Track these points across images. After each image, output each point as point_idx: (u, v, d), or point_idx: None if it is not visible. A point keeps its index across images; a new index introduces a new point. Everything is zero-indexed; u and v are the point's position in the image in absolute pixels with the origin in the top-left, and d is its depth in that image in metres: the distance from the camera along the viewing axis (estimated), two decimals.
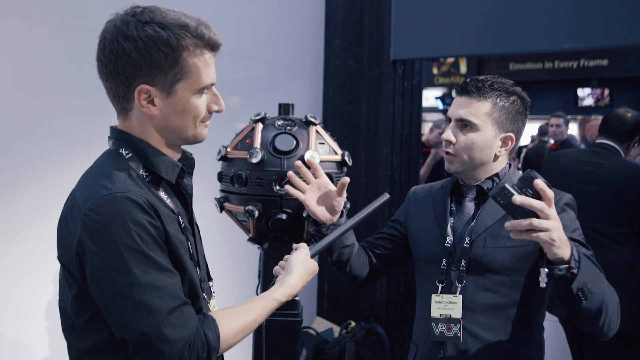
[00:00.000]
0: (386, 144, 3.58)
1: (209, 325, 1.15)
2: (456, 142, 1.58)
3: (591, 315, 1.36)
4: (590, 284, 1.32)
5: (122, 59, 1.12)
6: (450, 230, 1.60)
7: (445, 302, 1.56)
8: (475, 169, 1.60)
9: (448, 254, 1.58)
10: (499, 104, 1.57)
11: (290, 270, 1.36)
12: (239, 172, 1.96)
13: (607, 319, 1.38)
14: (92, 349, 1.16)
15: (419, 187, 1.83)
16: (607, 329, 1.41)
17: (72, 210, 1.12)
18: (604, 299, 1.36)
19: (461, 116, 1.57)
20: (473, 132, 1.56)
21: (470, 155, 1.57)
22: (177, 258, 1.15)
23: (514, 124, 1.59)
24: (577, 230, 1.54)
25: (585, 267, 1.32)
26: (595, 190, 2.65)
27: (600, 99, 9.97)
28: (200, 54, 1.16)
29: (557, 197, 1.57)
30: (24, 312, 2.16)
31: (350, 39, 3.72)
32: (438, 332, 1.56)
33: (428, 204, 1.72)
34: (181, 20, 1.14)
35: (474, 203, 1.62)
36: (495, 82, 1.58)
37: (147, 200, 1.10)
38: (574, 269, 1.29)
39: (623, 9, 2.80)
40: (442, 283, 1.58)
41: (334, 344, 3.22)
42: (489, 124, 1.56)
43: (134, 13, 1.14)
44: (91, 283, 1.09)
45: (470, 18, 3.23)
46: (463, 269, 1.55)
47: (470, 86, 1.58)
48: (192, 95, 1.17)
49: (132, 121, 1.20)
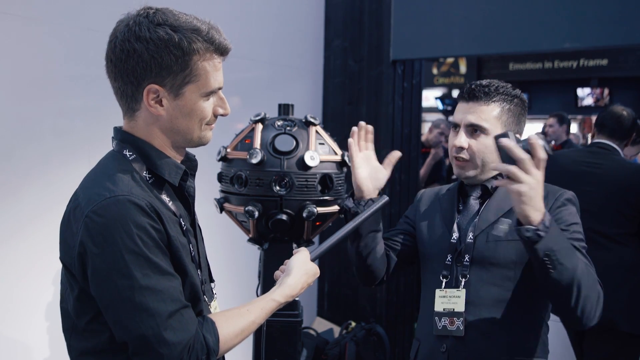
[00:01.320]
0: (386, 144, 3.58)
1: (208, 328, 1.15)
2: (468, 148, 1.59)
3: (561, 290, 1.35)
4: (561, 254, 1.32)
5: (133, 59, 1.12)
6: (456, 227, 1.63)
7: (448, 297, 1.57)
8: (485, 173, 1.62)
9: (453, 250, 1.61)
10: (506, 107, 1.60)
11: (289, 272, 1.35)
12: (239, 173, 1.96)
13: (581, 300, 1.36)
14: (92, 350, 1.16)
15: (429, 190, 1.86)
16: (582, 314, 1.38)
17: (75, 212, 1.12)
18: (576, 276, 1.34)
19: (472, 121, 1.59)
20: (484, 137, 1.58)
21: (484, 159, 1.59)
22: (179, 261, 1.15)
23: (519, 125, 1.64)
24: (576, 224, 1.54)
25: (555, 236, 1.32)
26: (594, 190, 2.65)
27: (600, 99, 9.95)
28: (210, 58, 1.17)
29: (558, 193, 1.59)
30: (24, 313, 2.17)
31: (350, 39, 3.72)
32: (441, 326, 1.57)
33: (436, 204, 1.75)
34: (193, 23, 1.15)
35: (478, 201, 1.65)
36: (500, 85, 1.61)
37: (149, 203, 1.10)
38: (540, 232, 1.29)
39: (622, 8, 2.81)
40: (446, 278, 1.60)
41: (334, 345, 3.22)
42: (499, 127, 1.58)
43: (146, 14, 1.14)
44: (92, 285, 1.10)
45: (470, 18, 3.23)
46: (467, 264, 1.57)
47: (478, 91, 1.60)
48: (199, 98, 1.18)
49: (138, 122, 1.20)
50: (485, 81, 1.63)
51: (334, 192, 2.01)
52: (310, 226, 2.01)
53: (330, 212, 2.03)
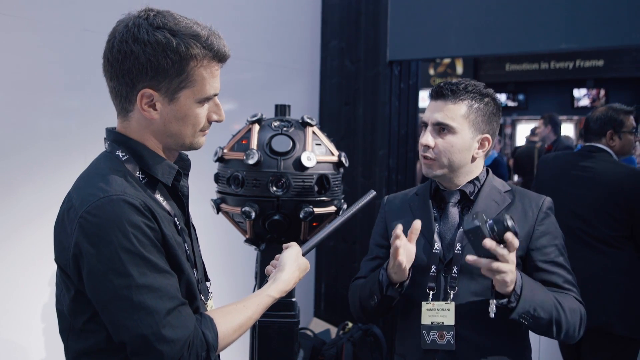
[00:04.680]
0: (383, 145, 3.58)
1: (207, 324, 1.16)
2: (435, 146, 1.57)
3: (542, 331, 1.50)
4: (536, 312, 1.43)
5: (129, 61, 1.12)
6: (437, 237, 1.59)
7: (436, 310, 1.54)
8: (455, 172, 1.60)
9: (437, 261, 1.57)
10: (474, 105, 1.58)
11: (282, 267, 1.37)
12: (236, 173, 1.96)
13: (562, 333, 1.49)
14: (89, 351, 1.16)
15: (392, 196, 1.81)
16: (567, 338, 1.53)
17: (69, 213, 1.12)
18: (553, 319, 1.46)
19: (438, 120, 1.57)
20: (451, 135, 1.56)
21: (450, 158, 1.57)
22: (174, 259, 1.15)
23: (489, 125, 1.60)
24: (559, 238, 1.60)
25: (528, 296, 1.42)
26: (586, 194, 2.64)
27: (596, 100, 9.98)
28: (208, 65, 1.17)
29: (539, 200, 1.61)
30: (21, 314, 2.16)
31: (347, 40, 3.72)
32: (429, 340, 1.54)
33: (406, 212, 1.69)
34: (193, 28, 1.14)
35: (457, 208, 1.62)
36: (469, 84, 1.59)
37: (143, 202, 1.10)
38: (512, 303, 1.42)
39: (618, 9, 2.81)
40: (433, 290, 1.56)
41: (331, 345, 3.22)
42: (466, 126, 1.56)
43: (147, 16, 1.14)
44: (88, 285, 1.09)
45: (467, 19, 3.24)
46: (455, 275, 1.54)
47: (445, 90, 1.58)
48: (194, 103, 1.18)
49: (132, 123, 1.20)
50: (456, 80, 1.61)
51: (330, 192, 2.01)
52: (307, 227, 2.01)
53: (327, 212, 2.03)
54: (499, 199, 1.61)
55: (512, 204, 1.60)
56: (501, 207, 1.59)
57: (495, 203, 1.60)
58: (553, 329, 1.47)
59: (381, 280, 1.57)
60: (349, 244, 3.73)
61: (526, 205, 1.60)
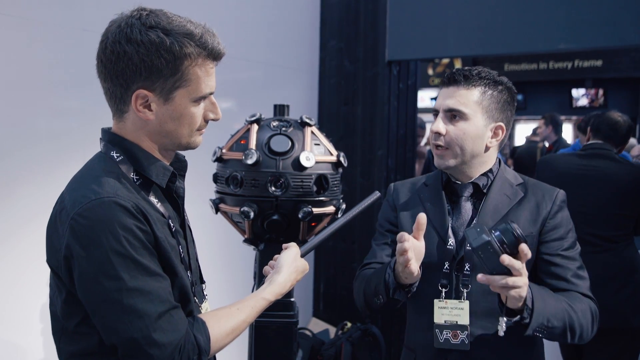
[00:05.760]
0: (381, 145, 3.58)
1: (199, 327, 1.15)
2: (446, 134, 1.52)
3: (556, 339, 1.45)
4: (550, 322, 1.39)
5: (123, 62, 1.11)
6: (451, 232, 1.54)
7: (450, 308, 1.50)
8: (468, 163, 1.54)
9: (451, 258, 1.52)
10: (488, 92, 1.52)
11: (280, 269, 1.35)
12: (235, 173, 1.96)
13: (576, 337, 1.45)
14: (81, 353, 1.15)
15: (400, 184, 1.73)
16: (580, 340, 1.47)
17: (61, 214, 1.11)
18: (567, 325, 1.42)
19: (450, 106, 1.51)
20: (463, 122, 1.51)
21: (462, 146, 1.51)
22: (168, 262, 1.15)
23: (503, 114, 1.55)
24: (572, 230, 1.56)
25: (540, 308, 1.37)
26: (591, 193, 2.65)
27: (594, 100, 10.00)
28: (202, 64, 1.15)
29: (552, 193, 1.56)
30: (19, 315, 2.16)
31: (346, 40, 3.72)
32: (442, 340, 1.49)
33: (416, 203, 1.63)
34: (186, 27, 1.13)
35: (470, 202, 1.57)
36: (482, 71, 1.54)
37: (135, 204, 1.09)
38: (525, 319, 1.36)
39: (617, 10, 2.82)
40: (446, 288, 1.51)
41: (330, 345, 3.22)
42: (479, 112, 1.51)
43: (139, 16, 1.12)
44: (80, 288, 1.09)
45: (466, 19, 3.24)
46: (468, 273, 1.50)
47: (458, 75, 1.53)
48: (189, 103, 1.16)
49: (127, 123, 1.19)
50: (468, 67, 1.56)
51: (329, 192, 2.01)
52: (305, 227, 2.01)
53: (326, 212, 2.03)
54: (510, 192, 1.55)
55: (525, 198, 1.55)
56: (513, 202, 1.54)
57: (507, 197, 1.54)
58: (567, 335, 1.42)
59: (387, 281, 1.48)
60: (348, 244, 3.74)
61: (539, 197, 1.55)
